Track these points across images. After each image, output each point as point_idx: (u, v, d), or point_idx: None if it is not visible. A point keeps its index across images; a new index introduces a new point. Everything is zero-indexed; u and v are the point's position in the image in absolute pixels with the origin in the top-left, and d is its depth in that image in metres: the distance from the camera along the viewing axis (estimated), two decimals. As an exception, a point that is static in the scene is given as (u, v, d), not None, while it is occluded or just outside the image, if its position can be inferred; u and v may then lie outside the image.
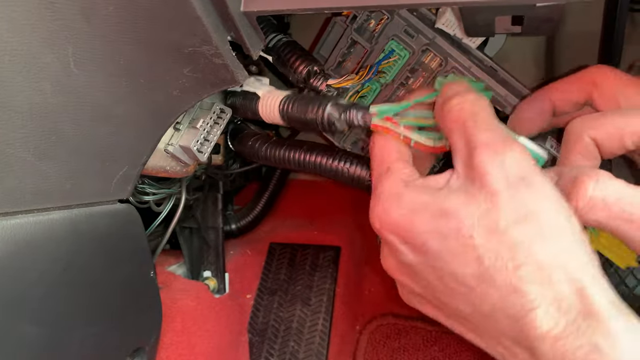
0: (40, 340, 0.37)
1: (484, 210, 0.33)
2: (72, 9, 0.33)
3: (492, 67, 0.60)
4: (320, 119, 0.46)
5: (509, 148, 0.34)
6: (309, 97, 0.49)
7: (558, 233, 0.33)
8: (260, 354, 0.82)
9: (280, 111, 0.50)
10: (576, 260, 0.33)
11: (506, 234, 0.33)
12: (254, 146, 0.59)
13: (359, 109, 0.43)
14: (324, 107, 0.46)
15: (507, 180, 0.33)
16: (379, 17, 0.60)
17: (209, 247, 0.82)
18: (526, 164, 0.34)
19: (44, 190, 0.37)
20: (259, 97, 0.53)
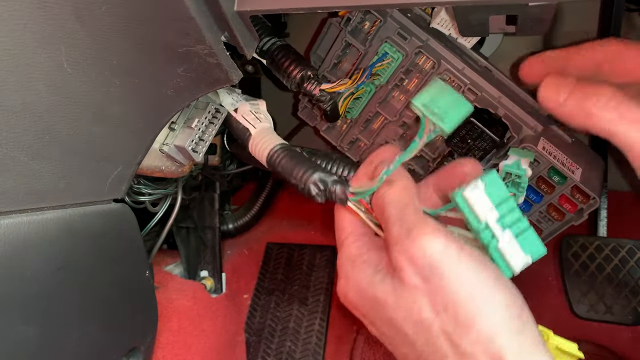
0: (35, 340, 0.37)
1: (408, 304, 0.35)
2: (65, 8, 0.33)
3: (487, 68, 0.60)
4: (302, 187, 0.47)
5: (413, 241, 0.34)
6: (298, 157, 0.49)
7: (478, 319, 0.33)
8: (257, 354, 0.82)
9: (268, 160, 0.51)
10: (500, 341, 0.33)
11: (431, 325, 0.34)
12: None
13: (339, 188, 0.44)
14: (307, 178, 0.46)
15: (420, 273, 0.34)
16: (372, 20, 0.60)
17: (205, 247, 0.82)
18: (432, 252, 0.34)
19: (37, 190, 0.37)
20: (251, 134, 0.53)
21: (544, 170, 0.58)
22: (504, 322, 0.33)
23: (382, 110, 0.63)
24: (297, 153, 0.49)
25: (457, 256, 0.34)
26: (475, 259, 0.35)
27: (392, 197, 0.37)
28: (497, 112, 0.58)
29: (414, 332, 0.35)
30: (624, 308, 0.76)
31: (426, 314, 0.34)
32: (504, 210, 0.35)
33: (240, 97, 0.56)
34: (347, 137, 0.67)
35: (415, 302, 0.35)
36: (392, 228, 0.36)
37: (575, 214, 0.60)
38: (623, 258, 0.78)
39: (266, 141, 0.51)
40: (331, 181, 0.45)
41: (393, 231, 0.36)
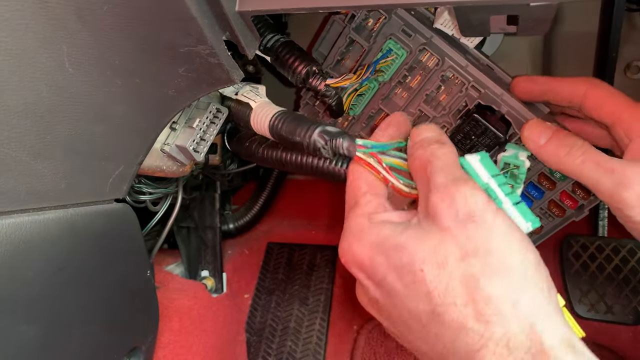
0: (36, 339, 0.37)
1: (435, 244, 0.35)
2: (67, 8, 0.33)
3: (489, 66, 0.60)
4: (307, 143, 0.46)
5: (458, 188, 0.35)
6: (300, 117, 0.48)
7: (508, 268, 0.33)
8: (257, 354, 0.82)
9: (270, 127, 0.50)
10: (527, 296, 0.33)
11: (455, 269, 0.34)
12: (250, 147, 0.59)
13: (346, 139, 0.43)
14: (311, 133, 0.45)
15: (456, 218, 0.35)
16: (377, 17, 0.60)
17: (206, 247, 0.82)
18: (474, 201, 0.35)
19: (39, 190, 0.37)
20: (252, 108, 0.52)
21: (546, 166, 0.59)
22: (534, 278, 0.34)
23: (385, 107, 0.63)
24: (298, 115, 0.49)
25: (495, 211, 0.35)
26: (509, 220, 0.36)
27: (443, 153, 0.38)
28: (500, 109, 0.58)
29: (433, 275, 0.34)
30: (625, 308, 0.76)
31: (453, 257, 0.34)
32: (499, 182, 0.38)
33: (241, 84, 0.57)
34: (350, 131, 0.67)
35: (444, 243, 0.34)
36: (436, 177, 0.37)
37: (575, 210, 0.61)
38: (624, 258, 0.78)
39: (267, 110, 0.51)
40: (336, 132, 0.44)
41: (437, 179, 0.36)
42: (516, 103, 0.59)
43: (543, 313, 0.32)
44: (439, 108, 0.61)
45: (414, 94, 0.62)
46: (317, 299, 0.87)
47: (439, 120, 0.62)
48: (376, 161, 0.41)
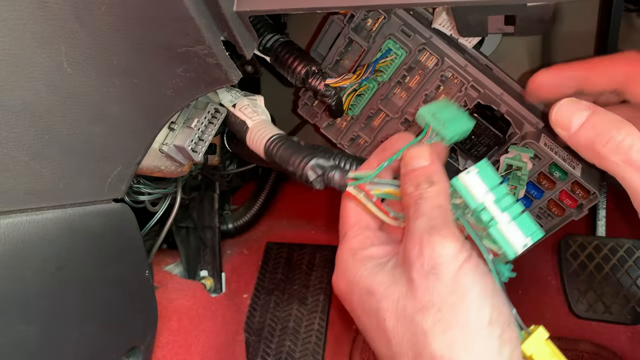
0: (35, 339, 0.37)
1: (398, 295, 0.36)
2: (65, 8, 0.33)
3: (487, 66, 0.61)
4: (299, 174, 0.46)
5: (430, 238, 0.35)
6: (295, 146, 0.48)
7: (458, 325, 0.33)
8: (256, 354, 0.82)
9: (265, 150, 0.50)
10: (473, 356, 0.33)
11: (411, 321, 0.34)
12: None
13: (337, 174, 0.43)
14: (304, 165, 0.46)
15: (421, 269, 0.35)
16: (376, 16, 0.60)
17: (205, 247, 0.82)
18: (440, 253, 0.34)
19: (37, 190, 0.37)
20: (248, 127, 0.53)
21: (545, 165, 0.59)
22: (481, 337, 0.33)
23: (384, 107, 0.64)
24: (294, 142, 0.49)
25: (460, 264, 0.34)
26: (478, 271, 0.35)
27: (430, 195, 0.37)
28: (500, 108, 0.58)
29: (393, 325, 0.35)
30: (623, 307, 0.77)
31: (411, 309, 0.35)
32: (499, 195, 0.37)
33: (239, 94, 0.56)
34: (347, 134, 0.67)
35: (406, 295, 0.35)
36: (415, 222, 0.36)
37: (575, 210, 0.61)
38: (621, 258, 0.78)
39: (263, 132, 0.51)
40: (329, 166, 0.45)
41: (417, 224, 0.36)
42: (515, 103, 0.59)
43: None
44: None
45: (413, 94, 0.62)
46: (316, 299, 0.87)
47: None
48: (366, 197, 0.41)
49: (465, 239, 0.36)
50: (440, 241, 0.35)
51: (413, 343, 0.34)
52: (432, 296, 0.34)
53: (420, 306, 0.34)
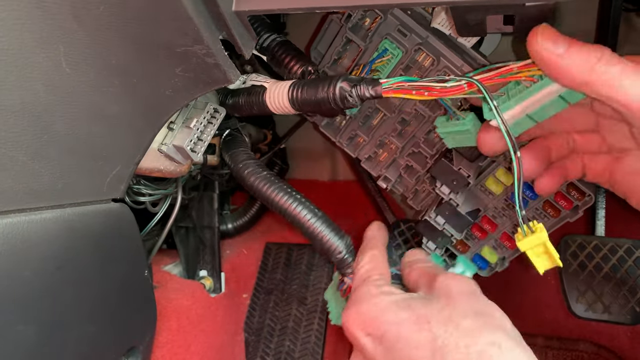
0: (34, 339, 0.37)
1: (440, 307, 0.42)
2: (63, 8, 0.33)
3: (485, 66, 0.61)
4: (332, 95, 0.47)
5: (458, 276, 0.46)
6: (318, 78, 0.50)
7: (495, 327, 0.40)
8: (256, 353, 0.82)
9: (290, 97, 0.51)
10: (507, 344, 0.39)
11: (459, 324, 0.40)
12: (243, 170, 0.57)
13: (369, 82, 0.46)
14: (335, 84, 0.47)
15: (464, 291, 0.43)
16: (373, 16, 0.60)
17: (204, 247, 0.82)
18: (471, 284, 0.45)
19: (36, 190, 0.37)
20: (266, 88, 0.53)
21: None
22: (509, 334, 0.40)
23: (381, 106, 0.64)
24: (314, 78, 0.50)
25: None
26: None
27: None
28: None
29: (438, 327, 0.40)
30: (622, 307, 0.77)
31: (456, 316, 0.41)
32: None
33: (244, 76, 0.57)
34: (346, 132, 0.67)
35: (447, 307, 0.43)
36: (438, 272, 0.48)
37: (570, 211, 0.61)
38: (621, 257, 0.78)
39: (281, 85, 0.53)
40: (359, 78, 0.47)
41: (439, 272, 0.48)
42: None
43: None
44: (435, 108, 0.62)
45: (411, 93, 0.62)
46: (315, 299, 0.87)
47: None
48: (404, 87, 0.44)
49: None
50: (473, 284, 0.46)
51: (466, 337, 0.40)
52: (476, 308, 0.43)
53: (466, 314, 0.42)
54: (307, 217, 0.54)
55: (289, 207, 0.55)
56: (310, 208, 0.55)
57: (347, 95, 0.47)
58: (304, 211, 0.54)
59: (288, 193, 0.55)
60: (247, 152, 0.60)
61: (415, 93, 0.44)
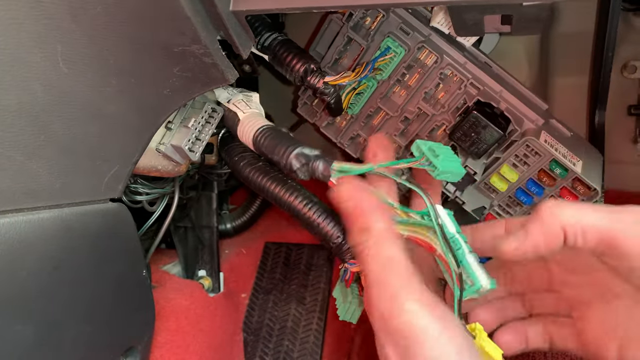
0: (31, 339, 0.37)
1: None
2: (60, 8, 0.33)
3: (487, 63, 0.61)
4: (284, 163, 0.46)
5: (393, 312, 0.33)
6: (282, 136, 0.48)
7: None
8: (254, 353, 0.82)
9: (254, 141, 0.50)
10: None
11: None
12: (238, 163, 0.58)
13: (321, 163, 0.43)
14: (289, 154, 0.45)
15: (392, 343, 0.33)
16: (374, 15, 0.60)
17: (203, 247, 0.82)
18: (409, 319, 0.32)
19: (34, 189, 0.37)
20: (239, 119, 0.53)
21: (546, 162, 0.59)
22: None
23: (384, 105, 0.63)
24: (281, 132, 0.49)
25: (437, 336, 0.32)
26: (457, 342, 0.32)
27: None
28: (499, 106, 0.58)
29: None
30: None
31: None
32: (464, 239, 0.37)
33: (235, 91, 0.57)
34: (347, 133, 0.67)
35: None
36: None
37: None
38: None
39: (253, 123, 0.52)
40: (313, 156, 0.44)
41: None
42: (515, 100, 0.59)
43: None
44: (437, 106, 0.62)
45: (413, 92, 0.62)
46: (314, 299, 0.87)
47: (438, 118, 0.62)
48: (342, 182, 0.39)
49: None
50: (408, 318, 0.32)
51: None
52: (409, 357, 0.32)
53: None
54: (303, 204, 0.54)
55: (284, 195, 0.55)
56: (306, 195, 0.55)
57: (297, 170, 0.45)
58: (299, 198, 0.54)
59: (283, 181, 0.55)
60: (243, 146, 0.60)
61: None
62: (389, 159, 0.40)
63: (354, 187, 0.38)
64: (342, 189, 0.38)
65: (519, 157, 0.59)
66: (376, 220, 0.35)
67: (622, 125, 0.79)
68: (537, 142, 0.57)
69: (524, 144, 0.58)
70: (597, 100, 0.73)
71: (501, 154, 0.60)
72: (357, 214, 0.36)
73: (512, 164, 0.60)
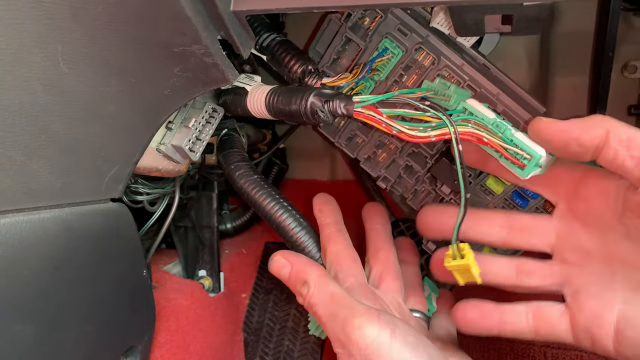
0: (32, 339, 0.37)
1: None
2: (61, 8, 0.33)
3: (485, 65, 0.60)
4: (304, 109, 0.46)
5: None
6: (294, 88, 0.48)
7: None
8: (255, 353, 0.82)
9: (267, 104, 0.50)
10: None
11: None
12: (234, 172, 0.58)
13: (342, 99, 0.44)
14: (307, 98, 0.46)
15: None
16: (373, 15, 0.60)
17: (204, 246, 0.82)
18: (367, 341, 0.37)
19: (34, 189, 0.37)
20: (247, 92, 0.53)
21: None
22: None
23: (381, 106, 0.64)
24: (292, 87, 0.49)
25: (389, 341, 0.36)
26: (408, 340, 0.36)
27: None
28: (496, 108, 0.58)
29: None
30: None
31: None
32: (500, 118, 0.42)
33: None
34: (345, 133, 0.67)
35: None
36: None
37: None
38: None
39: (262, 89, 0.52)
40: (332, 93, 0.45)
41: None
42: (512, 102, 0.59)
43: None
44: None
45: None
46: (314, 299, 0.87)
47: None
48: (375, 113, 0.42)
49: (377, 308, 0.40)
50: (358, 332, 0.36)
51: None
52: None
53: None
54: (292, 226, 0.54)
55: (275, 214, 0.55)
56: (296, 217, 0.55)
57: (319, 110, 0.45)
58: (289, 219, 0.54)
59: (275, 199, 0.55)
60: (241, 153, 0.60)
61: (385, 127, 0.43)
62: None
63: (283, 255, 0.47)
64: (273, 262, 0.47)
65: None
66: (311, 272, 0.43)
67: (622, 125, 0.79)
68: None
69: None
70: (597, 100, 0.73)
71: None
72: (293, 275, 0.44)
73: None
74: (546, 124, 0.39)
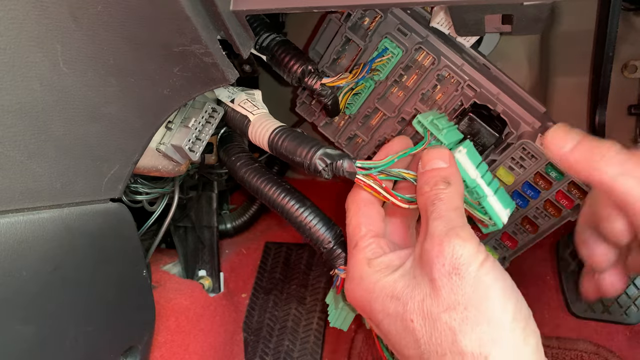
0: (32, 339, 0.37)
1: (423, 296, 0.37)
2: (61, 8, 0.33)
3: (485, 65, 0.60)
4: (307, 164, 0.47)
5: (450, 240, 0.37)
6: (301, 136, 0.49)
7: (485, 321, 0.35)
8: (255, 353, 0.82)
9: (270, 143, 0.50)
10: (501, 350, 0.34)
11: (438, 320, 0.36)
12: (235, 163, 0.58)
13: (346, 162, 0.45)
14: (312, 155, 0.46)
15: (443, 269, 0.37)
16: (372, 15, 0.60)
17: (203, 246, 0.82)
18: (461, 254, 0.36)
19: (34, 189, 0.37)
20: (250, 121, 0.53)
21: (542, 166, 0.58)
22: (507, 331, 0.35)
23: (381, 106, 0.63)
24: (299, 133, 0.49)
25: (480, 264, 0.36)
26: (497, 269, 0.37)
27: (446, 196, 0.40)
28: (496, 108, 0.58)
29: (420, 325, 0.37)
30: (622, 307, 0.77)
31: (437, 309, 0.36)
32: (482, 172, 0.43)
33: (236, 90, 0.56)
34: (345, 132, 0.67)
35: (430, 296, 0.37)
36: (434, 222, 0.39)
37: (571, 210, 0.61)
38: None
39: (266, 125, 0.52)
40: (337, 155, 0.46)
41: (434, 226, 0.38)
42: (512, 102, 0.59)
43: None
44: (434, 107, 0.61)
45: (410, 93, 0.62)
46: (314, 298, 0.87)
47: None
48: (376, 183, 0.44)
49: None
50: (460, 243, 0.37)
51: (442, 341, 0.36)
52: (457, 295, 0.36)
53: (446, 306, 0.36)
54: (296, 207, 0.54)
55: (277, 197, 0.55)
56: (299, 198, 0.55)
57: (321, 170, 0.46)
58: (292, 201, 0.54)
59: (277, 183, 0.55)
60: (241, 145, 0.60)
61: (383, 197, 0.44)
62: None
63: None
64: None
65: (515, 160, 0.59)
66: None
67: (623, 125, 0.79)
68: (533, 145, 0.57)
69: (520, 146, 0.58)
70: (597, 100, 0.73)
71: (497, 157, 0.60)
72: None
73: (508, 166, 0.60)
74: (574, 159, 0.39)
